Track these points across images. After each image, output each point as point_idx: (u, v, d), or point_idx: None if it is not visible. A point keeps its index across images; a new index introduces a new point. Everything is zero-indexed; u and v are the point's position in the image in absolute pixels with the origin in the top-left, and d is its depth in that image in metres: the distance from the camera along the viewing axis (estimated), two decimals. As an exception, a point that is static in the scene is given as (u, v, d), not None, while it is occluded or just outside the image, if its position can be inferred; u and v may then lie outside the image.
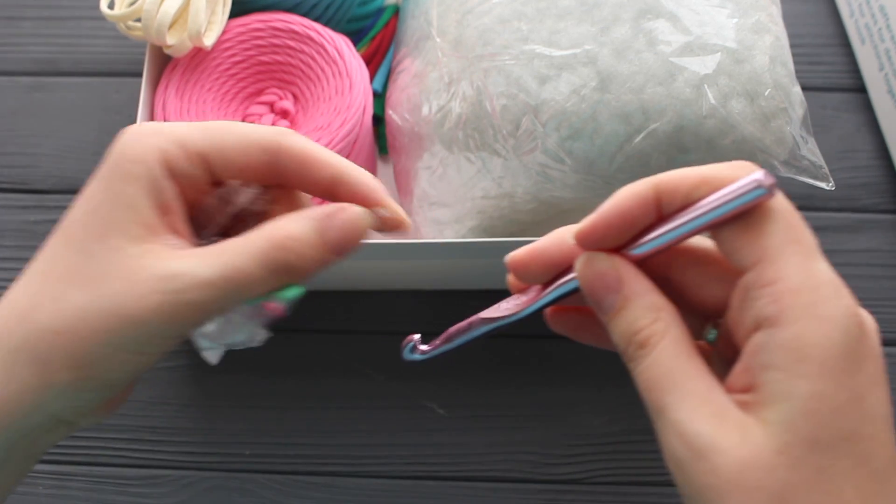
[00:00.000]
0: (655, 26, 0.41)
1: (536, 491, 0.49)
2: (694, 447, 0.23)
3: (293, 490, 0.49)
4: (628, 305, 0.25)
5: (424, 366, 0.52)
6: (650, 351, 0.24)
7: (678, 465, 0.23)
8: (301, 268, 0.27)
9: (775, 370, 0.22)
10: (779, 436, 0.22)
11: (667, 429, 0.23)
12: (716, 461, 0.22)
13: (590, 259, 0.26)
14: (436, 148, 0.46)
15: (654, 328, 0.25)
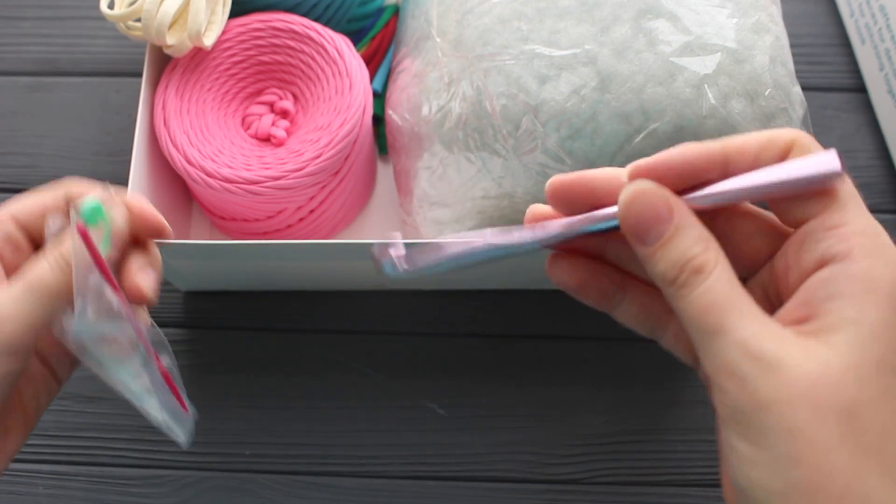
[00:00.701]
0: (655, 26, 0.41)
1: (536, 491, 0.49)
2: (762, 361, 0.23)
3: (293, 490, 0.49)
4: (680, 234, 0.25)
5: (424, 366, 0.52)
6: (707, 276, 0.25)
7: (742, 380, 0.23)
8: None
9: (844, 298, 0.24)
10: (847, 355, 0.23)
11: (727, 347, 0.24)
12: (786, 375, 0.23)
13: (641, 187, 0.26)
14: (436, 148, 0.46)
15: (707, 255, 0.25)
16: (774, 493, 0.23)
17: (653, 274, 0.26)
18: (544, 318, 0.53)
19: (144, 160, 0.48)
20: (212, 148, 0.48)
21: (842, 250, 0.24)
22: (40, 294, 0.30)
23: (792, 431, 0.23)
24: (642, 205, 0.26)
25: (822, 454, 0.23)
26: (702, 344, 0.25)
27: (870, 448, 0.23)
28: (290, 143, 0.49)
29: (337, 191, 0.50)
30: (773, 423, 0.23)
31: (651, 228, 0.26)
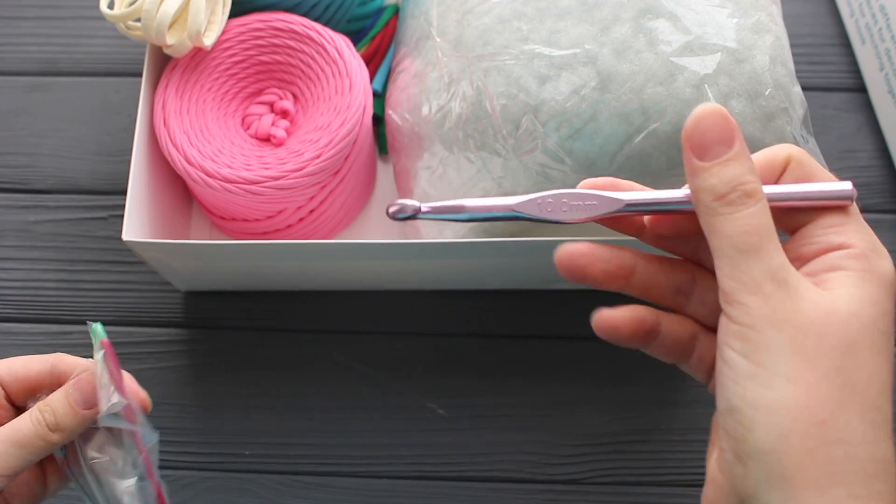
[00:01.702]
0: (655, 26, 0.41)
1: (536, 491, 0.49)
2: (785, 287, 0.26)
3: (293, 490, 0.49)
4: (739, 159, 0.27)
5: (424, 366, 0.52)
6: (756, 202, 0.27)
7: (766, 297, 0.26)
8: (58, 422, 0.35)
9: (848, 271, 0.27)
10: (852, 305, 0.26)
11: (759, 266, 0.26)
12: (803, 303, 0.26)
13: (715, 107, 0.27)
14: (436, 148, 0.46)
15: (758, 186, 0.27)
16: (762, 407, 0.25)
17: (700, 187, 0.27)
18: (544, 319, 0.53)
19: (144, 160, 0.48)
20: (212, 148, 0.48)
21: (845, 241, 0.27)
22: (19, 444, 0.34)
23: (796, 351, 0.25)
24: (712, 122, 0.27)
25: (817, 378, 0.25)
26: (732, 259, 0.26)
27: (857, 386, 0.25)
28: (290, 143, 0.49)
29: (337, 191, 0.50)
30: (782, 341, 0.25)
31: (714, 146, 0.27)
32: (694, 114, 0.28)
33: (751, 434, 0.25)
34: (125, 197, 0.45)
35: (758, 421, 0.25)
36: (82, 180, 0.57)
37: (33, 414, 0.35)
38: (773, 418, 0.25)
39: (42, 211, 0.56)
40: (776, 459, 0.25)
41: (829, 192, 0.28)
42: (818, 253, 0.28)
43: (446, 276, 0.51)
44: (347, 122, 0.47)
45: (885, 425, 0.26)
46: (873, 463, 0.25)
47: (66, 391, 0.36)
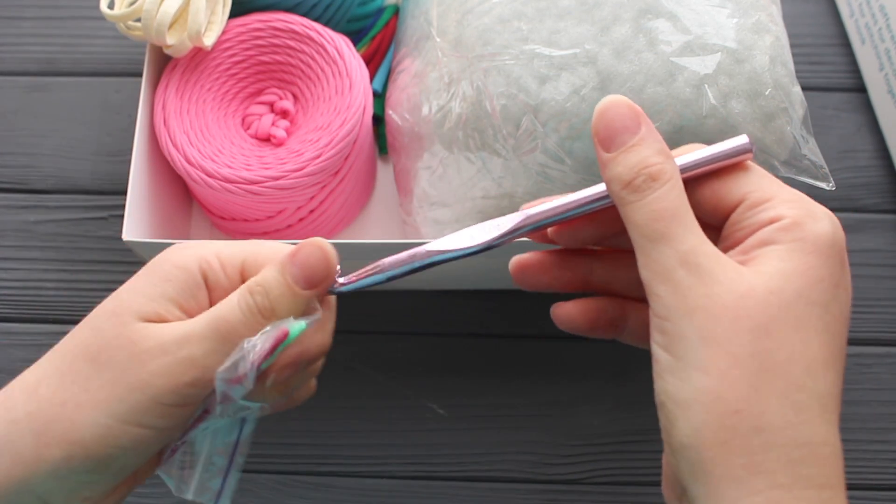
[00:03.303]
0: (655, 26, 0.41)
1: (536, 491, 0.49)
2: (697, 272, 0.25)
3: (293, 490, 0.49)
4: (643, 143, 0.27)
5: (424, 366, 0.52)
6: (662, 184, 0.26)
7: (675, 285, 0.25)
8: (275, 304, 0.28)
9: (776, 244, 0.26)
10: (772, 282, 0.25)
11: (668, 254, 0.25)
12: (714, 288, 0.25)
13: (616, 98, 0.27)
14: (436, 148, 0.46)
15: (665, 166, 0.26)
16: (679, 402, 0.25)
17: (609, 178, 0.27)
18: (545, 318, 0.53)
19: (144, 160, 0.48)
20: (212, 148, 0.48)
21: (774, 215, 0.26)
22: (224, 338, 0.28)
23: (707, 339, 0.24)
24: (614, 113, 0.27)
25: (730, 364, 0.24)
26: (644, 250, 0.26)
27: (776, 368, 0.24)
28: (290, 143, 0.49)
29: (337, 191, 0.50)
30: (694, 330, 0.25)
31: (618, 135, 0.27)
32: (597, 108, 0.27)
33: (673, 428, 0.25)
34: (125, 197, 0.45)
35: (677, 415, 0.25)
36: (82, 180, 0.57)
37: (242, 297, 0.28)
38: (688, 412, 0.24)
39: (42, 211, 0.56)
40: (694, 454, 0.24)
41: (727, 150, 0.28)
42: (751, 233, 0.27)
43: (446, 276, 0.51)
44: (347, 122, 0.47)
45: (812, 405, 0.24)
46: (797, 447, 0.24)
47: (283, 266, 0.29)
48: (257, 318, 0.28)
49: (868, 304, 0.53)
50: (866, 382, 0.51)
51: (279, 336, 0.28)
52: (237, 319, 0.28)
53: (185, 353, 0.27)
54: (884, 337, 0.53)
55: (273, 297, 0.28)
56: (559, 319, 0.31)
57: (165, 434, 0.29)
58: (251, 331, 0.28)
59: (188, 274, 0.29)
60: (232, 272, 0.30)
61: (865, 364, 0.52)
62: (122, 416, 0.27)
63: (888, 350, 0.52)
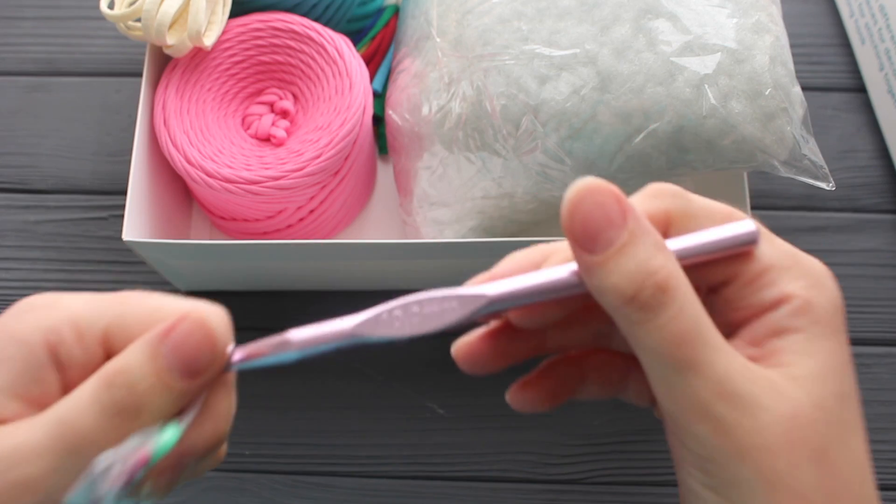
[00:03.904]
0: (655, 26, 0.41)
1: (536, 491, 0.49)
2: (739, 403, 0.21)
3: (293, 490, 0.49)
4: (636, 241, 0.21)
5: (424, 366, 0.52)
6: (674, 296, 0.21)
7: (717, 423, 0.21)
8: (141, 402, 0.21)
9: (792, 333, 0.22)
10: (813, 392, 0.22)
11: (701, 385, 0.21)
12: (763, 418, 0.21)
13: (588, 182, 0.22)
14: (436, 148, 0.46)
15: (669, 269, 0.21)
16: None
17: (600, 289, 0.22)
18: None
19: (144, 160, 0.48)
20: (212, 148, 0.48)
21: (779, 294, 0.23)
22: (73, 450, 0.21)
23: (772, 482, 0.21)
24: (590, 204, 0.21)
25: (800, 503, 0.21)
26: (666, 380, 0.22)
27: (842, 490, 0.22)
28: (290, 143, 0.49)
29: (337, 191, 0.50)
30: (751, 474, 0.21)
31: (601, 232, 0.21)
32: (566, 198, 0.22)
33: None
34: (125, 197, 0.45)
35: None
36: (82, 180, 0.57)
37: (97, 393, 0.21)
38: None
39: (42, 211, 0.56)
40: None
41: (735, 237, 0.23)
42: (755, 315, 0.23)
43: (446, 276, 0.51)
44: (347, 122, 0.47)
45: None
46: None
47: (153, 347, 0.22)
48: (117, 423, 0.21)
49: (868, 304, 0.53)
50: (866, 382, 0.51)
51: (141, 460, 0.21)
52: (89, 426, 0.21)
53: (17, 475, 0.20)
54: (884, 337, 0.53)
55: (139, 391, 0.21)
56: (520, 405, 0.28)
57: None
58: (109, 439, 0.21)
59: (29, 351, 0.22)
60: (91, 342, 0.23)
61: (865, 364, 0.52)
62: None
63: (888, 350, 0.52)
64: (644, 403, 0.29)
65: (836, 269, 0.24)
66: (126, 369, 0.22)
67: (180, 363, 0.22)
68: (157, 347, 0.22)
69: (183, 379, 0.22)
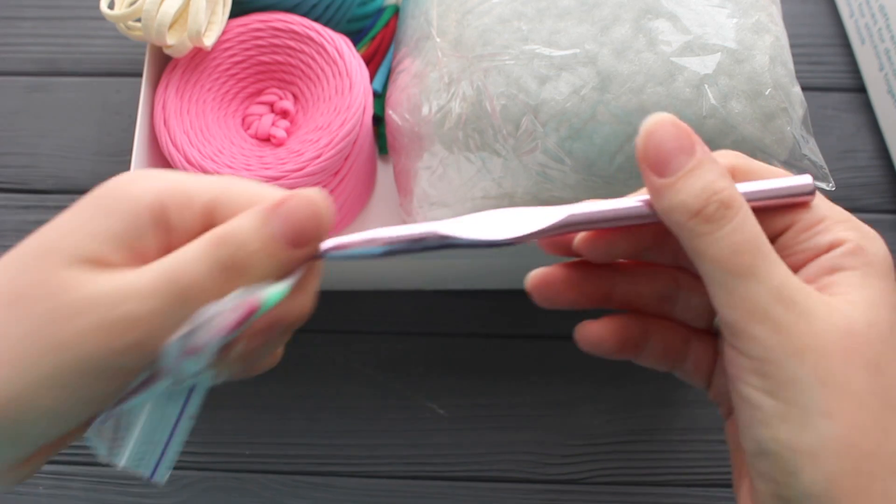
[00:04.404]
0: (655, 26, 0.41)
1: (536, 491, 0.49)
2: (796, 308, 0.23)
3: (293, 490, 0.49)
4: (704, 166, 0.24)
5: (424, 366, 0.52)
6: (737, 211, 0.24)
7: (775, 324, 0.23)
8: (249, 263, 0.23)
9: (848, 270, 0.24)
10: (867, 312, 0.23)
11: (760, 290, 0.23)
12: (819, 324, 0.23)
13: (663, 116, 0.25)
14: (436, 148, 0.46)
15: (734, 192, 0.24)
16: (803, 451, 0.23)
17: (670, 207, 0.24)
18: (545, 318, 0.53)
19: (144, 160, 0.48)
20: (212, 148, 0.48)
21: (834, 238, 0.25)
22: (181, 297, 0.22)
23: (826, 381, 0.23)
24: (665, 133, 0.24)
25: (855, 405, 0.22)
26: (727, 287, 0.24)
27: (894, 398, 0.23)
28: (290, 143, 0.49)
29: (337, 191, 0.50)
30: (807, 373, 0.23)
31: (673, 158, 0.24)
32: (643, 129, 0.25)
33: (794, 479, 0.23)
34: (125, 197, 0.45)
35: (800, 465, 0.23)
36: (82, 180, 0.57)
37: (207, 249, 0.23)
38: (818, 460, 0.22)
39: (42, 211, 0.56)
40: (828, 501, 0.22)
41: (793, 187, 0.26)
42: (810, 258, 0.25)
43: (446, 276, 0.51)
44: (347, 122, 0.48)
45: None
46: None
47: (264, 216, 0.23)
48: (224, 279, 0.23)
49: (868, 304, 0.53)
50: (866, 382, 0.51)
51: (250, 308, 0.22)
52: (199, 276, 0.22)
53: (125, 310, 0.22)
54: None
55: (247, 253, 0.23)
56: (587, 340, 0.29)
57: (93, 405, 0.23)
58: (215, 292, 0.22)
59: (141, 208, 0.23)
60: (197, 210, 0.24)
61: (865, 364, 0.52)
62: (39, 378, 0.22)
63: (888, 350, 0.52)
64: (700, 381, 0.30)
65: None
66: (238, 231, 0.23)
67: (288, 232, 0.23)
68: (269, 216, 0.23)
69: (288, 247, 0.23)
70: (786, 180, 0.26)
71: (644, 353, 0.29)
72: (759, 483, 0.24)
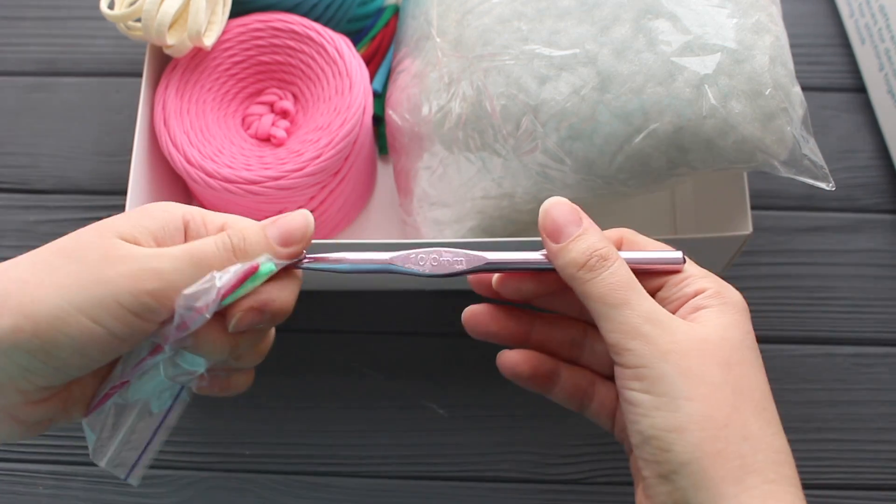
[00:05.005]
0: (655, 26, 0.41)
1: (536, 491, 0.49)
2: (659, 324, 0.30)
3: (293, 490, 0.49)
4: (588, 233, 0.32)
5: (424, 366, 0.52)
6: (612, 263, 0.31)
7: (645, 337, 0.30)
8: (249, 250, 0.31)
9: (707, 308, 0.31)
10: (719, 331, 0.30)
11: (633, 315, 0.30)
12: (679, 335, 0.30)
13: (558, 199, 0.33)
14: (436, 148, 0.46)
15: (611, 249, 0.32)
16: (673, 429, 0.29)
17: (563, 264, 0.32)
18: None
19: (144, 160, 0.48)
20: (212, 148, 0.48)
21: (699, 287, 0.32)
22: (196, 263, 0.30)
23: (686, 373, 0.29)
24: (559, 211, 0.32)
25: (710, 390, 0.29)
26: (608, 317, 0.31)
27: (745, 392, 0.29)
28: (290, 143, 0.49)
29: (337, 191, 0.50)
30: (671, 369, 0.29)
31: (565, 228, 0.32)
32: (542, 209, 0.32)
33: (669, 453, 0.29)
34: (125, 197, 0.45)
35: (672, 440, 0.29)
36: (82, 180, 0.57)
37: (219, 236, 0.31)
38: (685, 434, 0.29)
39: (42, 211, 0.56)
40: (697, 466, 0.28)
41: (666, 258, 0.33)
42: (681, 304, 0.32)
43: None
44: (347, 122, 0.48)
45: (775, 422, 0.30)
46: (775, 452, 0.29)
47: (264, 224, 0.32)
48: (230, 255, 0.31)
49: (868, 304, 0.53)
50: (866, 382, 0.51)
51: (249, 269, 0.30)
52: (210, 251, 0.30)
53: (155, 265, 0.29)
54: (884, 337, 0.53)
55: (249, 243, 0.31)
56: (504, 365, 0.36)
57: (114, 344, 0.29)
58: (222, 264, 0.30)
59: (171, 217, 0.31)
60: (212, 229, 0.32)
61: (865, 364, 0.52)
62: (78, 304, 0.28)
63: (888, 350, 0.52)
64: (605, 422, 0.36)
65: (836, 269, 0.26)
66: (243, 227, 0.32)
67: (281, 234, 0.32)
68: (268, 222, 0.32)
69: (279, 244, 0.32)
70: (660, 253, 0.33)
71: (555, 389, 0.36)
72: (645, 470, 0.30)
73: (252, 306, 0.31)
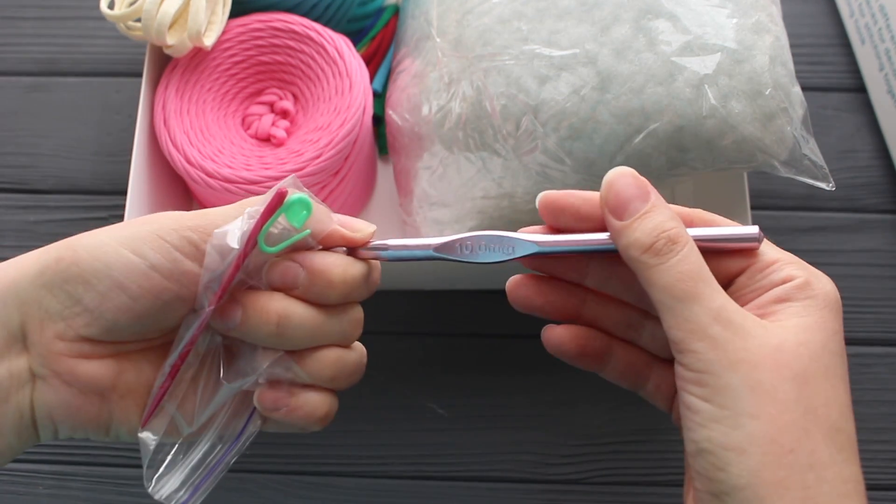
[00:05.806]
0: (655, 26, 0.41)
1: (536, 491, 0.49)
2: (732, 327, 0.27)
3: (293, 490, 0.49)
4: (656, 210, 0.28)
5: (424, 366, 0.52)
6: (682, 247, 0.28)
7: (713, 340, 0.27)
8: None
9: (791, 301, 0.28)
10: (799, 335, 0.27)
11: (701, 312, 0.27)
12: (751, 341, 0.27)
13: (624, 169, 0.29)
14: (436, 148, 0.46)
15: (681, 230, 0.28)
16: (732, 448, 0.26)
17: (626, 244, 0.28)
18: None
19: (144, 160, 0.48)
20: (212, 148, 0.48)
21: (786, 275, 0.29)
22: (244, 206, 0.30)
23: (755, 388, 0.26)
24: (624, 183, 0.29)
25: (779, 410, 0.26)
26: (673, 310, 0.27)
27: (818, 412, 0.26)
28: (290, 143, 0.49)
29: (337, 191, 0.50)
30: (739, 381, 0.26)
31: (630, 203, 0.28)
32: (605, 180, 0.29)
33: (724, 473, 0.26)
34: (125, 197, 0.45)
35: (729, 460, 0.26)
36: (82, 180, 0.57)
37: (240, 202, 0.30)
38: (744, 455, 0.26)
39: (42, 211, 0.56)
40: (752, 493, 0.26)
41: (740, 235, 0.29)
42: (761, 293, 0.29)
43: (446, 275, 0.51)
44: (347, 122, 0.48)
45: (849, 445, 0.27)
46: (843, 483, 0.26)
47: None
48: None
49: (868, 304, 0.53)
50: (866, 382, 0.51)
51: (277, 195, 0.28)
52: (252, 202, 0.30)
53: (201, 211, 0.30)
54: (884, 337, 0.53)
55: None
56: (549, 342, 0.33)
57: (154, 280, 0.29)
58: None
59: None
60: None
61: (865, 364, 0.52)
62: (119, 237, 0.29)
63: (888, 350, 0.52)
64: (663, 404, 0.33)
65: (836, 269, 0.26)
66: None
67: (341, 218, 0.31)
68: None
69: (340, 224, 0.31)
70: (733, 228, 0.29)
71: (607, 367, 0.33)
72: (697, 482, 0.27)
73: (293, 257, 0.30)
